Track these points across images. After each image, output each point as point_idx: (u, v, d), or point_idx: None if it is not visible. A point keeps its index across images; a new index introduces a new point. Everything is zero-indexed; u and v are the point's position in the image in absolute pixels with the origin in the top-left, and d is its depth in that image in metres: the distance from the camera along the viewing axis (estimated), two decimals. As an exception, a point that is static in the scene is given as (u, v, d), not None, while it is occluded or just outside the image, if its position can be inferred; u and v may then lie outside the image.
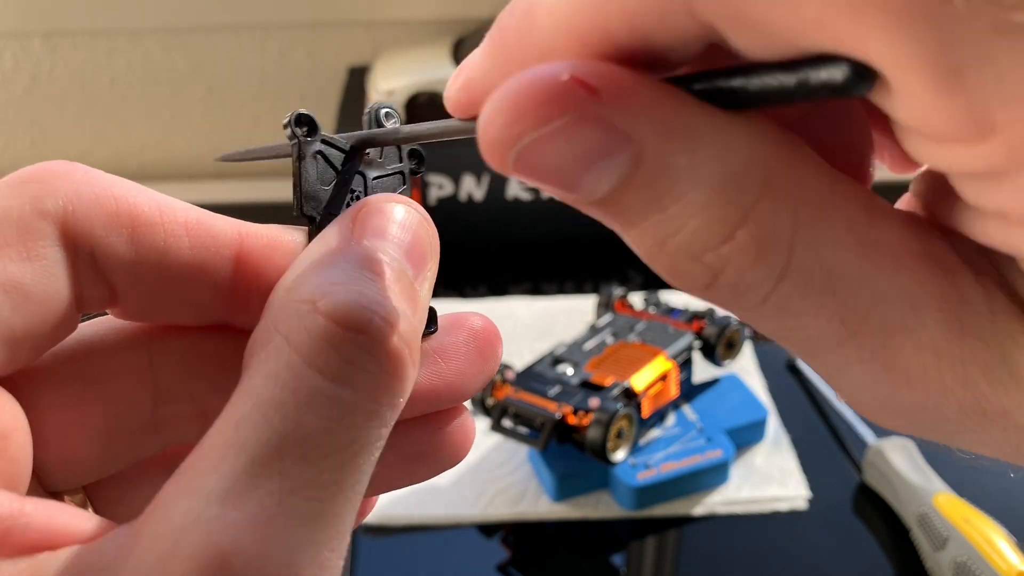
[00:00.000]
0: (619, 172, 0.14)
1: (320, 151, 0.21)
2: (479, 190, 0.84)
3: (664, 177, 0.14)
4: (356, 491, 0.17)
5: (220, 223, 0.20)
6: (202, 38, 0.96)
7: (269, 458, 0.15)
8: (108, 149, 1.02)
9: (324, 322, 0.17)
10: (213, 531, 0.15)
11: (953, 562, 0.51)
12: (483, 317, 0.22)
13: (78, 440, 0.20)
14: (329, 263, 0.18)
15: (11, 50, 0.96)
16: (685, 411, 0.62)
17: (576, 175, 0.14)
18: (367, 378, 0.17)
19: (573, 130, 0.14)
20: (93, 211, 0.19)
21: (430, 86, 0.82)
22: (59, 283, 0.18)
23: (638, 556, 0.58)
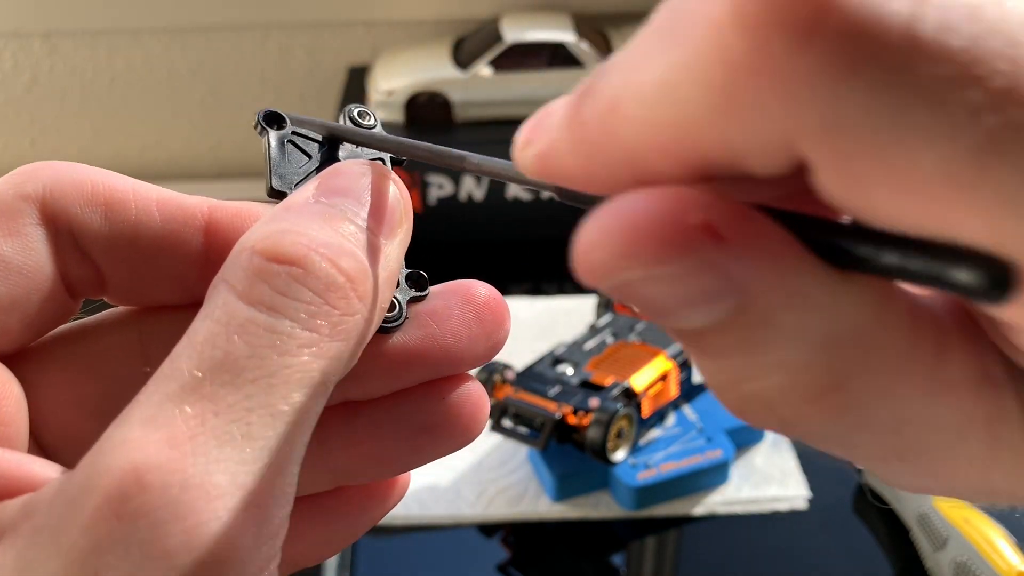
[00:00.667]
0: (718, 316, 0.13)
1: (292, 140, 0.21)
2: (479, 190, 0.84)
3: (763, 330, 0.13)
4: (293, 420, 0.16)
5: (190, 200, 0.21)
6: (202, 38, 0.96)
7: (196, 384, 0.16)
8: (108, 149, 1.02)
9: (259, 259, 0.17)
10: (130, 450, 0.15)
11: (953, 562, 0.51)
12: (489, 287, 0.22)
13: (74, 418, 0.21)
14: (279, 217, 0.18)
15: (11, 50, 0.96)
16: (685, 411, 0.62)
17: (673, 311, 0.13)
18: (302, 308, 0.17)
19: (686, 276, 0.13)
20: (70, 192, 0.20)
21: (430, 86, 0.82)
22: (41, 257, 0.20)
23: (638, 556, 0.58)
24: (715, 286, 0.13)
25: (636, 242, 0.13)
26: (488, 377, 0.59)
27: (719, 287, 0.13)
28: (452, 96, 0.82)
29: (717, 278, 0.13)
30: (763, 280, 0.13)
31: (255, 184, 0.99)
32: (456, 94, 0.82)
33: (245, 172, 1.03)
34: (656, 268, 0.13)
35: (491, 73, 0.82)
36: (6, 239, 0.19)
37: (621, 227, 0.13)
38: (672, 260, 0.13)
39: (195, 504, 0.15)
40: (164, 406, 0.16)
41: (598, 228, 0.13)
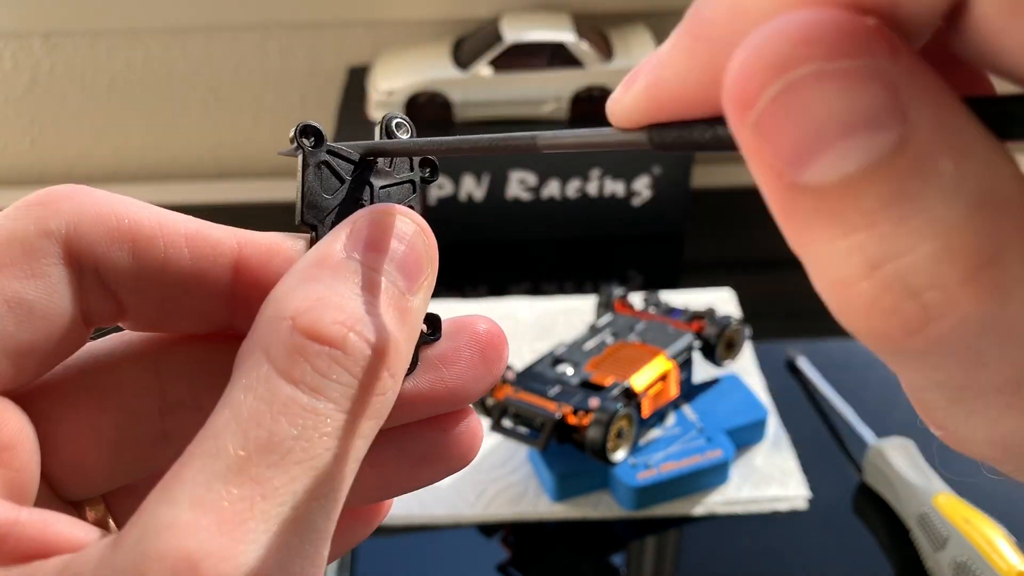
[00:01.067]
0: (875, 154, 0.12)
1: (326, 161, 0.21)
2: (479, 190, 0.84)
3: (919, 177, 0.12)
4: (332, 499, 0.17)
5: (219, 233, 0.21)
6: (202, 38, 0.96)
7: (242, 465, 0.16)
8: (108, 149, 1.02)
9: (299, 337, 0.17)
10: (183, 535, 0.15)
11: (953, 562, 0.51)
12: (489, 321, 0.22)
13: (89, 450, 0.21)
14: (315, 278, 0.18)
15: (11, 50, 0.96)
16: (685, 411, 0.62)
17: (826, 142, 0.12)
18: (342, 391, 0.17)
19: (859, 80, 0.12)
20: (95, 228, 0.19)
21: (430, 86, 0.82)
22: (63, 299, 0.19)
23: (638, 556, 0.58)
24: (884, 103, 0.12)
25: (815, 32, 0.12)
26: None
27: (888, 107, 0.12)
28: (452, 96, 0.82)
29: (888, 93, 0.12)
30: (930, 111, 0.12)
31: (255, 184, 0.99)
32: (456, 94, 0.82)
33: (245, 172, 1.03)
34: (833, 61, 0.12)
35: (491, 73, 0.82)
36: (29, 281, 0.19)
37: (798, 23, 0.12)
38: (850, 55, 0.12)
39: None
40: (212, 487, 0.16)
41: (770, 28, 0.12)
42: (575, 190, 0.85)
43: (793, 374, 0.69)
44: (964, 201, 0.12)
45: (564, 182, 0.84)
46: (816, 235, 0.13)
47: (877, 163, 0.12)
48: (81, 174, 1.02)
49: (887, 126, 0.12)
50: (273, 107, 1.00)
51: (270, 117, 1.01)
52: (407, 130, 0.22)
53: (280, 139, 1.06)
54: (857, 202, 0.12)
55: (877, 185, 0.12)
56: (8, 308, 0.18)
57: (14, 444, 0.19)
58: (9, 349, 0.19)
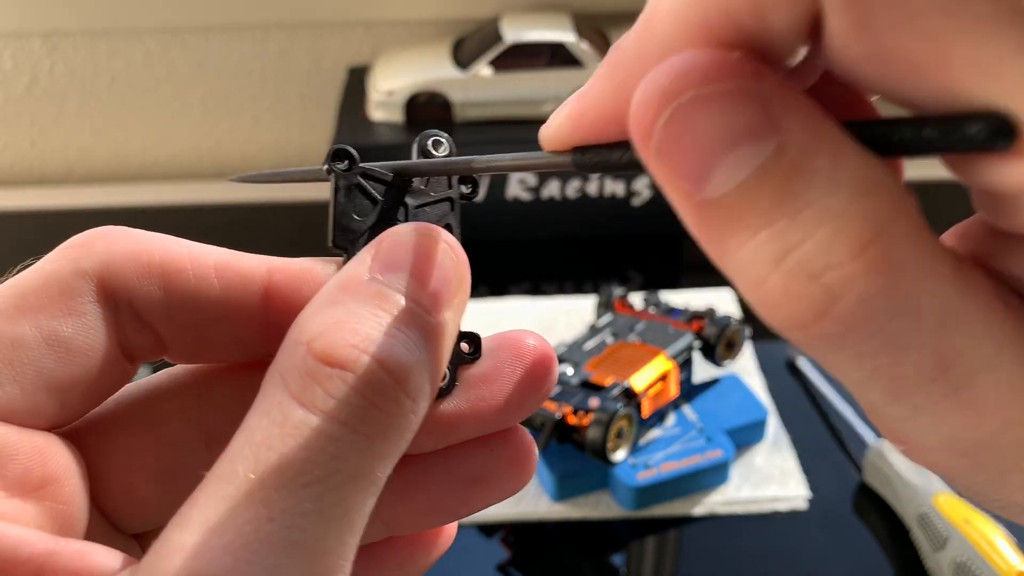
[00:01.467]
0: (757, 160, 0.14)
1: (358, 183, 0.21)
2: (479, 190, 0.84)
3: (801, 176, 0.14)
4: (345, 523, 0.17)
5: (248, 261, 0.21)
6: (202, 38, 0.96)
7: (252, 488, 0.16)
8: (108, 149, 1.02)
9: (312, 360, 0.17)
10: (190, 558, 0.15)
11: (953, 562, 0.51)
12: (536, 336, 0.22)
13: (138, 483, 0.21)
14: (336, 302, 0.18)
15: (11, 50, 0.96)
16: (685, 411, 0.62)
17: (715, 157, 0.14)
18: (354, 413, 0.17)
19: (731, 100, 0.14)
20: (127, 265, 0.20)
21: (430, 86, 0.82)
22: (99, 334, 0.20)
23: (638, 556, 0.58)
24: (757, 117, 0.14)
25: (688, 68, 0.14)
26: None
27: (760, 119, 0.14)
28: (452, 96, 0.82)
29: (759, 108, 0.14)
30: (799, 119, 0.14)
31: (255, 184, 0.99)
32: (456, 94, 0.82)
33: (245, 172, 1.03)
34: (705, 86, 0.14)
35: (491, 73, 0.82)
36: (66, 319, 0.19)
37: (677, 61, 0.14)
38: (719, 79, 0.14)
39: None
40: (220, 510, 0.16)
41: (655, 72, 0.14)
42: (575, 190, 0.85)
43: (793, 374, 0.69)
44: (844, 190, 0.14)
45: (564, 182, 0.84)
46: (728, 244, 0.15)
47: (762, 169, 0.14)
48: (81, 174, 1.02)
49: (764, 136, 0.14)
50: (273, 107, 1.00)
51: (270, 117, 1.01)
52: (446, 147, 0.22)
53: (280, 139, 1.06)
54: (754, 205, 0.14)
55: (767, 187, 0.14)
56: (48, 346, 0.19)
57: (59, 478, 0.19)
58: (51, 386, 0.19)
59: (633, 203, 0.86)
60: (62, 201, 0.95)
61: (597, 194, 0.85)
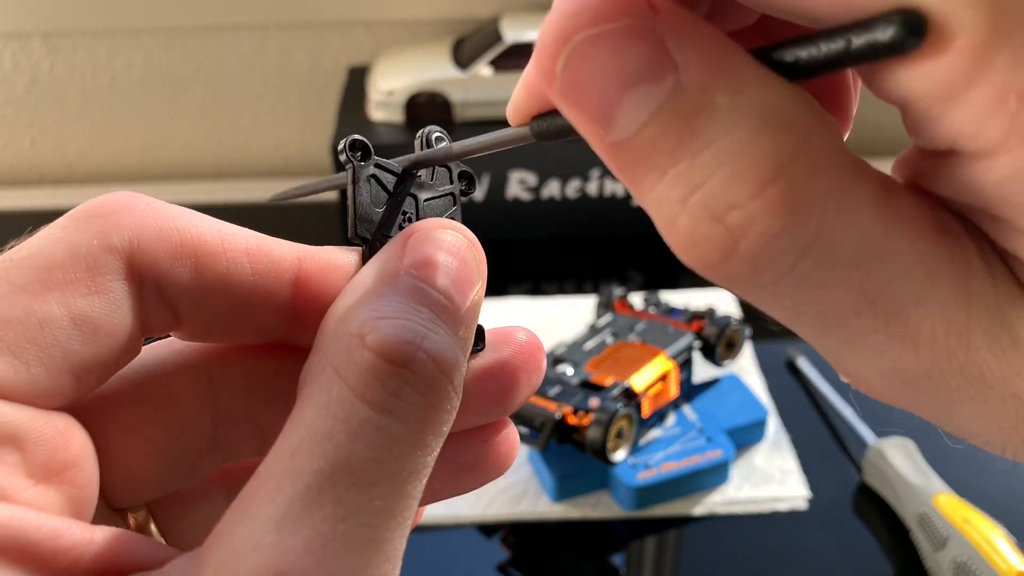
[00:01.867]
0: (656, 101, 0.14)
1: (373, 175, 0.21)
2: (479, 190, 0.84)
3: (700, 115, 0.13)
4: (405, 516, 0.17)
5: (279, 248, 0.21)
6: (202, 38, 0.96)
7: (322, 486, 0.16)
8: (108, 149, 1.02)
9: (371, 356, 0.17)
10: (271, 556, 0.15)
11: (953, 562, 0.51)
12: (527, 331, 0.22)
13: (141, 461, 0.21)
14: (377, 294, 0.19)
15: (11, 50, 0.96)
16: (685, 411, 0.62)
17: (615, 99, 0.14)
18: (412, 410, 0.17)
19: (624, 38, 0.14)
20: (157, 244, 0.19)
21: (430, 86, 0.82)
22: (125, 314, 0.19)
23: (638, 556, 0.58)
24: (651, 55, 0.14)
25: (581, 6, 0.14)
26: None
27: (655, 57, 0.14)
28: (452, 96, 0.82)
29: (653, 46, 0.14)
30: (696, 55, 0.14)
31: (255, 185, 0.99)
32: (456, 94, 0.82)
33: (245, 172, 1.03)
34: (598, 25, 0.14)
35: (491, 73, 0.82)
36: (93, 297, 0.19)
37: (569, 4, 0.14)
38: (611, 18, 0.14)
39: None
40: (294, 508, 0.16)
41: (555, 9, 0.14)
42: (575, 190, 0.85)
43: (793, 374, 0.69)
44: (744, 128, 0.13)
45: (564, 182, 0.84)
46: (642, 184, 0.14)
47: (661, 109, 0.14)
48: (81, 174, 1.02)
49: (660, 75, 0.14)
50: (273, 107, 1.00)
51: (270, 117, 1.01)
52: (445, 143, 0.23)
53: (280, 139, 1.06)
54: (658, 146, 0.14)
55: (668, 127, 0.14)
56: (75, 326, 0.18)
57: (78, 462, 0.19)
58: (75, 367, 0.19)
59: (633, 203, 0.86)
60: (62, 201, 0.95)
61: (597, 194, 0.85)
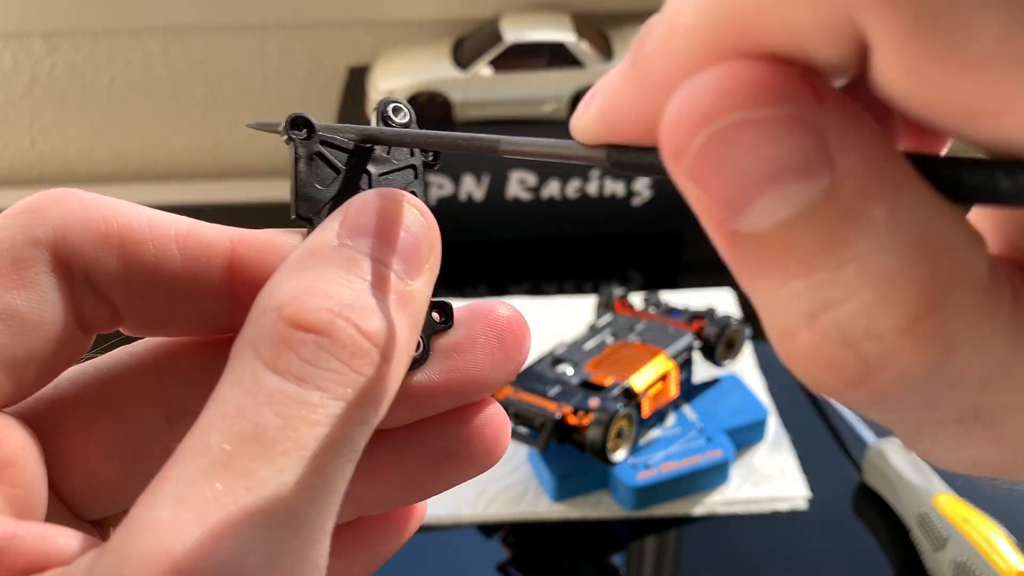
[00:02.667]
0: (804, 201, 0.12)
1: (319, 152, 0.20)
2: (479, 190, 0.84)
3: (853, 225, 0.12)
4: (325, 491, 0.16)
5: (211, 232, 0.20)
6: (202, 38, 0.96)
7: (226, 459, 0.15)
8: (108, 149, 1.02)
9: (284, 326, 0.16)
10: (162, 533, 0.15)
11: (953, 562, 0.51)
12: (508, 306, 0.21)
13: (98, 464, 0.20)
14: (304, 267, 0.18)
15: (11, 50, 0.96)
16: (685, 411, 0.62)
17: (757, 190, 0.12)
18: (332, 377, 0.16)
19: (784, 128, 0.12)
20: (83, 234, 0.19)
21: (430, 86, 0.82)
22: (55, 307, 0.19)
23: (638, 556, 0.58)
24: (810, 151, 0.12)
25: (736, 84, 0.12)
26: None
27: (814, 154, 0.12)
28: (452, 96, 0.82)
29: (814, 141, 0.12)
30: (859, 158, 0.12)
31: (255, 184, 0.99)
32: (456, 94, 0.82)
33: (245, 172, 1.03)
34: (755, 110, 0.12)
35: (491, 73, 0.82)
36: (19, 292, 0.18)
37: (720, 76, 0.12)
38: (772, 103, 0.12)
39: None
40: (195, 483, 0.15)
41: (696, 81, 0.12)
42: (575, 190, 0.85)
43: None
44: (899, 249, 0.12)
45: (564, 182, 0.84)
46: (760, 282, 0.13)
47: (809, 210, 0.12)
48: (81, 174, 1.02)
49: (815, 173, 0.12)
50: (273, 107, 1.00)
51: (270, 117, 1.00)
52: (405, 114, 0.21)
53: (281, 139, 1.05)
54: (794, 249, 0.12)
55: (811, 232, 0.12)
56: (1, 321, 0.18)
57: (16, 461, 0.18)
58: (5, 362, 0.18)
59: (633, 203, 0.86)
60: (62, 201, 0.95)
61: (597, 194, 0.85)
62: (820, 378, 0.13)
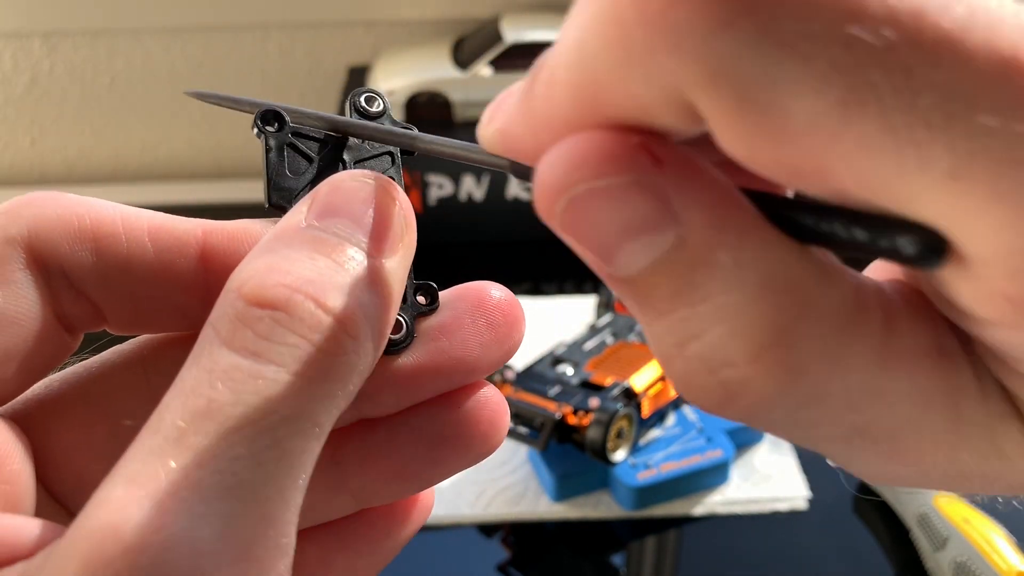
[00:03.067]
0: (657, 252, 0.13)
1: (291, 143, 0.20)
2: (479, 190, 0.84)
3: (701, 270, 0.13)
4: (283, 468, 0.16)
5: (183, 224, 0.20)
6: (202, 38, 0.96)
7: (180, 434, 0.15)
8: (108, 149, 1.02)
9: (242, 304, 0.16)
10: (112, 510, 0.14)
11: (953, 562, 0.51)
12: (501, 288, 0.21)
13: (89, 463, 0.20)
14: (269, 250, 0.18)
15: (11, 50, 0.96)
16: (685, 411, 0.62)
17: (615, 244, 0.14)
18: (290, 351, 0.16)
19: (626, 193, 0.13)
20: (57, 231, 0.19)
21: (430, 86, 0.82)
22: (32, 303, 0.19)
23: (638, 556, 0.58)
24: (653, 210, 0.13)
25: (583, 156, 0.14)
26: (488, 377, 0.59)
27: (656, 212, 0.13)
28: (452, 96, 0.82)
29: (655, 201, 0.13)
30: (700, 212, 0.13)
31: (256, 184, 0.99)
32: (456, 94, 0.82)
33: (245, 172, 1.03)
34: (599, 179, 0.13)
35: (491, 73, 0.82)
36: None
37: (573, 147, 0.14)
38: (612, 173, 0.13)
39: (178, 562, 0.14)
40: (148, 461, 0.15)
41: (555, 153, 0.14)
42: (575, 190, 0.85)
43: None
44: (744, 288, 0.13)
45: (564, 182, 0.84)
46: (640, 318, 0.14)
47: (662, 259, 0.13)
48: (81, 174, 1.02)
49: (661, 228, 0.13)
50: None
51: (270, 117, 1.01)
52: (379, 103, 0.21)
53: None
54: (656, 291, 0.14)
55: (667, 278, 0.14)
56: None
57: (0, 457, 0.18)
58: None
59: (633, 203, 0.86)
60: (62, 201, 0.95)
61: (597, 194, 0.85)
62: (696, 400, 0.14)
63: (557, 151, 0.14)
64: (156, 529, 0.14)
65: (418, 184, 0.82)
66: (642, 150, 0.13)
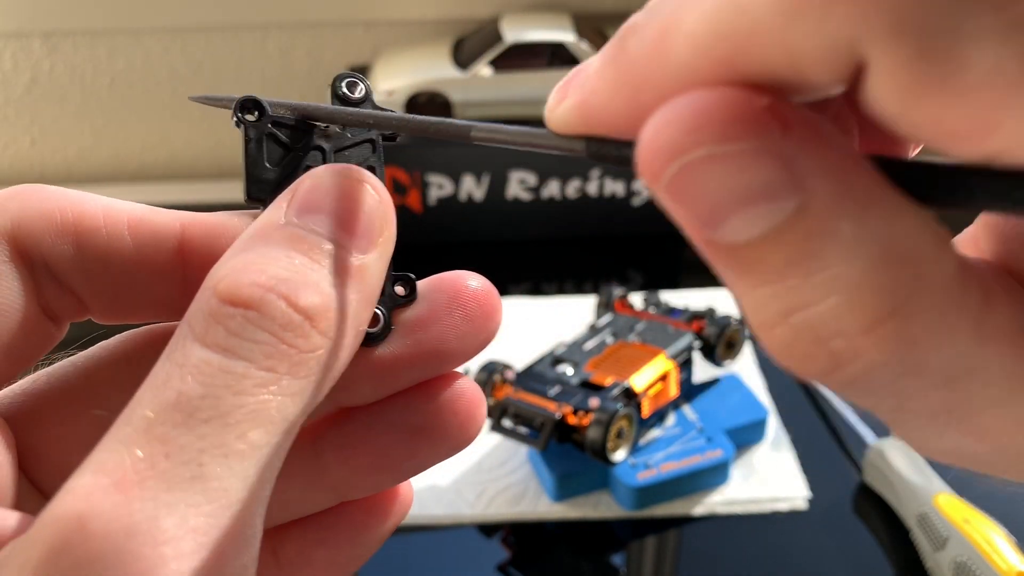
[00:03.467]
0: (775, 220, 0.13)
1: (271, 133, 0.20)
2: (479, 190, 0.84)
3: (820, 239, 0.13)
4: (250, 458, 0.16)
5: (162, 217, 0.21)
6: (202, 38, 0.96)
7: (147, 427, 0.15)
8: (108, 149, 1.02)
9: (216, 302, 0.17)
10: (75, 499, 0.15)
11: (953, 562, 0.51)
12: (478, 278, 0.21)
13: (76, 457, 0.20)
14: (245, 248, 0.18)
15: (11, 50, 0.96)
16: (685, 411, 0.62)
17: (727, 211, 0.13)
18: (259, 348, 0.16)
19: (752, 160, 0.13)
20: (40, 223, 0.20)
21: (430, 86, 0.82)
22: (16, 294, 0.20)
23: (638, 556, 0.58)
24: (778, 177, 0.13)
25: (704, 116, 0.13)
26: (488, 377, 0.59)
27: (782, 180, 0.13)
28: (452, 96, 0.82)
29: (781, 168, 0.13)
30: (826, 179, 0.13)
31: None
32: (456, 94, 0.82)
33: (245, 172, 1.03)
34: (722, 144, 0.13)
35: (491, 73, 0.82)
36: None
37: (691, 105, 0.13)
38: (738, 137, 0.12)
39: (140, 551, 0.14)
40: (115, 450, 0.15)
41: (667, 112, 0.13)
42: (575, 190, 0.85)
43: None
44: (864, 259, 0.13)
45: (564, 182, 0.84)
46: (738, 284, 0.14)
47: (778, 229, 0.13)
48: (81, 174, 1.02)
49: (783, 196, 0.13)
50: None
51: (270, 117, 1.01)
52: (361, 88, 0.21)
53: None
54: (767, 260, 0.13)
55: (781, 247, 0.13)
56: None
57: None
58: None
59: (633, 203, 0.86)
60: (62, 201, 0.95)
61: (597, 194, 0.85)
62: (797, 367, 0.14)
63: (672, 110, 0.13)
64: (120, 516, 0.14)
65: (418, 184, 0.82)
66: (771, 114, 0.13)
